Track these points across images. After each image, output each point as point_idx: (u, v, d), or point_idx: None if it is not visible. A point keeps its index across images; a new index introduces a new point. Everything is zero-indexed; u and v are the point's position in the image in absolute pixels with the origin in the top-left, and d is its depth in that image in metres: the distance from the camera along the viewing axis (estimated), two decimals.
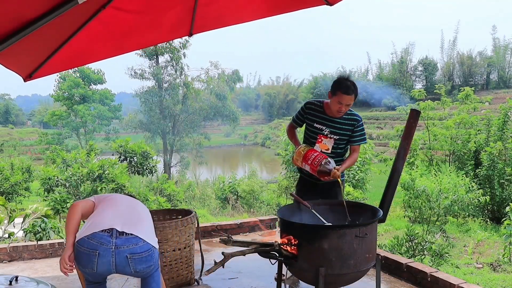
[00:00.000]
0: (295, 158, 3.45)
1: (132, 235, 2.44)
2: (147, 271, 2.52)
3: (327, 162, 3.25)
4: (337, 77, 3.55)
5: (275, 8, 3.25)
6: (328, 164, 3.24)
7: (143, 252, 2.43)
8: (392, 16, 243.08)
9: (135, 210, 2.72)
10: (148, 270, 2.52)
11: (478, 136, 11.01)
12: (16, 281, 2.63)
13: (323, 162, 3.25)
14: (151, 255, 2.48)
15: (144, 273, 2.51)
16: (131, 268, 2.42)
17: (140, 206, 2.83)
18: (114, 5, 2.67)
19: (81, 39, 2.90)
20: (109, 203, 2.70)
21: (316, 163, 3.27)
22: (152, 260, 2.50)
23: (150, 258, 2.48)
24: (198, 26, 3.31)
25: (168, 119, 25.93)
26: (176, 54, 24.98)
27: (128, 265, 2.40)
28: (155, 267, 2.58)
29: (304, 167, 3.40)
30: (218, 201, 14.07)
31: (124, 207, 2.71)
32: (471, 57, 41.23)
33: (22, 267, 4.35)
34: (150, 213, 2.84)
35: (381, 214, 2.97)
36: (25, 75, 3.17)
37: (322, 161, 3.26)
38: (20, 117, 57.99)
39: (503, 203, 9.48)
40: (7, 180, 12.09)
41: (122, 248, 2.38)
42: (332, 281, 2.80)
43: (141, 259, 2.44)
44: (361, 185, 9.90)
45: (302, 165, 3.40)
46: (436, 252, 6.04)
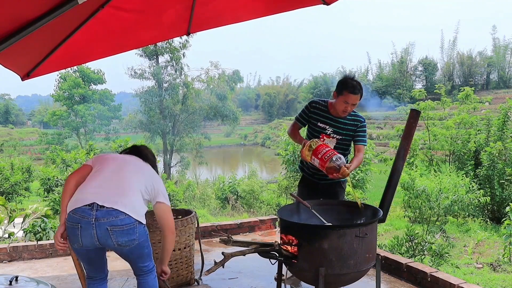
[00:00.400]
0: (305, 153, 3.35)
1: (112, 208, 2.44)
2: (130, 245, 2.50)
3: (337, 158, 3.16)
4: (343, 77, 3.53)
5: (272, 8, 3.25)
6: (338, 160, 3.15)
7: (124, 225, 2.44)
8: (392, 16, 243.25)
9: (124, 180, 2.63)
10: (132, 244, 2.50)
11: (478, 136, 11.01)
12: (16, 281, 2.63)
13: (334, 158, 3.16)
14: (133, 229, 2.47)
15: (128, 247, 2.50)
16: (113, 241, 2.44)
17: (133, 173, 2.71)
18: (112, 4, 2.67)
19: (79, 38, 2.90)
20: (99, 171, 2.67)
21: (327, 158, 3.17)
22: (135, 234, 2.48)
23: (132, 232, 2.47)
24: (196, 25, 3.31)
25: (168, 119, 25.91)
26: (176, 54, 24.97)
27: (110, 237, 2.43)
28: (141, 244, 2.56)
29: (313, 161, 3.30)
30: (218, 201, 14.07)
31: (111, 177, 2.64)
32: (471, 57, 41.25)
33: (22, 267, 4.35)
34: (152, 176, 2.78)
35: (381, 214, 2.97)
36: (22, 74, 3.17)
37: (332, 156, 3.17)
38: (20, 117, 57.96)
39: (503, 203, 9.47)
40: (7, 180, 12.09)
41: (102, 221, 2.41)
42: (332, 281, 2.80)
43: (122, 232, 2.44)
44: (361, 185, 9.89)
45: (312, 159, 3.30)
46: (436, 252, 6.04)
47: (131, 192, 2.58)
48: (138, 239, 2.52)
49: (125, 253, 2.59)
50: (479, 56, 41.52)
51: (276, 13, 3.28)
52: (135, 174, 2.71)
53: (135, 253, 2.58)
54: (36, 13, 2.21)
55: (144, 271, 2.70)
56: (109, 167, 2.69)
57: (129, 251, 2.55)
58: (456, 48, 51.50)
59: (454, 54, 43.03)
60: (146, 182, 2.69)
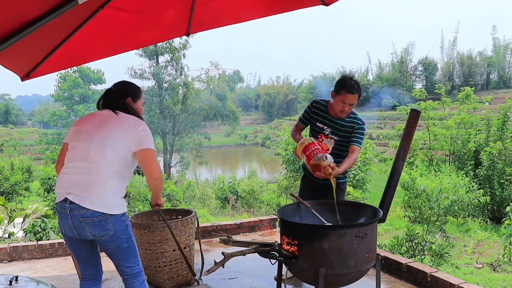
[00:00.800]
0: (297, 148, 3.37)
1: (80, 205, 2.49)
2: (105, 236, 2.52)
3: (322, 157, 3.15)
4: (341, 76, 3.53)
5: (272, 8, 3.26)
6: (323, 160, 3.14)
7: (95, 217, 2.48)
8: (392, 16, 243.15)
9: (93, 166, 2.52)
10: (107, 235, 2.51)
11: (478, 136, 11.01)
12: (16, 281, 2.64)
13: (319, 156, 3.16)
14: (104, 220, 2.49)
15: (103, 238, 2.52)
16: (87, 232, 2.50)
17: (104, 149, 2.54)
18: (112, 4, 2.67)
19: (79, 39, 2.91)
20: (71, 151, 2.62)
21: (313, 155, 3.19)
22: (107, 224, 2.50)
23: (105, 223, 2.49)
24: (196, 25, 3.32)
25: (168, 119, 25.92)
26: (176, 54, 24.99)
27: (84, 229, 2.50)
28: (116, 235, 2.54)
29: (302, 158, 3.34)
30: (218, 201, 14.06)
31: (81, 162, 2.55)
32: (471, 57, 41.24)
33: (22, 267, 4.35)
34: (129, 133, 2.58)
35: (381, 214, 2.97)
36: (22, 75, 3.18)
37: (318, 154, 3.17)
38: (20, 117, 57.95)
39: (503, 203, 9.47)
40: (7, 180, 12.09)
41: (75, 212, 2.49)
42: (332, 281, 2.80)
43: (93, 223, 2.48)
44: (361, 185, 9.89)
45: (301, 156, 3.33)
46: (436, 252, 6.04)
47: (101, 182, 2.51)
48: (112, 229, 2.52)
49: (104, 247, 2.60)
50: (479, 56, 41.52)
51: (276, 14, 3.29)
52: (107, 148, 2.55)
53: (111, 246, 2.56)
54: (36, 13, 2.21)
55: (129, 274, 2.66)
56: (79, 145, 2.59)
57: (106, 243, 2.56)
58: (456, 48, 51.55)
59: (454, 54, 43.06)
60: (122, 147, 2.56)
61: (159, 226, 3.53)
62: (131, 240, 2.63)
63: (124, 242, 2.59)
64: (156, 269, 3.62)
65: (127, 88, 2.81)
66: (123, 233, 2.57)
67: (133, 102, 2.78)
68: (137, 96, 2.81)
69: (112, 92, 2.78)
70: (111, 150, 2.54)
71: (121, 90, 2.78)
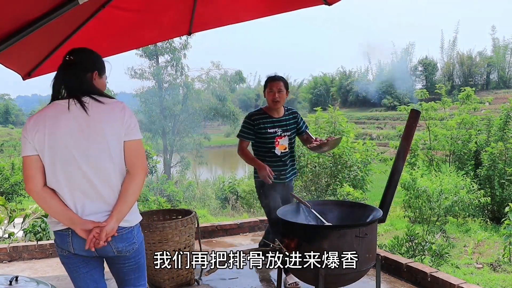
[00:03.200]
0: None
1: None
2: (129, 251, 2.20)
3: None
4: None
5: (273, 8, 3.27)
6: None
7: (122, 230, 2.15)
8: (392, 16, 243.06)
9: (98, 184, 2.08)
10: (131, 251, 2.20)
11: (479, 137, 11.00)
12: (16, 281, 2.63)
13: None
14: (130, 232, 2.18)
15: (127, 255, 2.20)
16: (112, 247, 2.14)
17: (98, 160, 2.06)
18: (113, 4, 2.68)
19: (80, 38, 2.91)
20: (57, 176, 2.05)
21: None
22: (133, 238, 2.18)
23: (131, 236, 2.19)
24: (197, 25, 3.32)
25: (168, 119, 25.91)
26: (176, 55, 24.98)
27: (108, 244, 2.10)
28: (139, 251, 2.23)
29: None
30: (218, 201, 14.06)
31: (83, 183, 2.06)
32: (471, 57, 41.21)
33: (22, 267, 4.36)
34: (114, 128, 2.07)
35: (381, 214, 2.98)
36: (23, 74, 3.18)
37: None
38: (20, 117, 57.86)
39: (503, 203, 9.46)
40: (7, 180, 12.08)
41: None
42: (332, 281, 2.80)
43: (120, 237, 2.14)
44: (361, 185, 9.88)
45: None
46: (436, 252, 6.04)
47: (113, 195, 2.10)
48: (137, 242, 2.21)
49: (120, 266, 2.22)
50: (479, 56, 41.48)
51: (278, 13, 3.30)
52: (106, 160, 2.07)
53: (132, 262, 2.21)
54: (37, 13, 2.22)
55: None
56: (68, 164, 2.05)
57: (126, 260, 2.20)
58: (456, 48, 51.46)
59: (454, 54, 43.03)
60: (115, 148, 2.08)
61: (159, 226, 3.54)
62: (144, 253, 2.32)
63: (142, 258, 2.28)
64: (156, 269, 3.62)
65: (93, 58, 2.19)
66: (142, 246, 2.27)
67: (99, 77, 2.20)
68: (104, 69, 2.24)
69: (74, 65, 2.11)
70: (107, 149, 2.10)
71: (87, 61, 2.15)
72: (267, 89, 3.77)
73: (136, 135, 2.13)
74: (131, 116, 2.13)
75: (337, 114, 10.64)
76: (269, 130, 3.74)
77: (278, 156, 3.77)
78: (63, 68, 2.13)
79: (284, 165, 3.82)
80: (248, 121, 3.81)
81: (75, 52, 2.15)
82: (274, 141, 3.74)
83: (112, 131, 2.07)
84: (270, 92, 3.73)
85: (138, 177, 2.12)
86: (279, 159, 3.79)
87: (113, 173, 2.08)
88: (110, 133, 2.06)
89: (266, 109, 3.83)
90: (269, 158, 3.76)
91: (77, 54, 2.14)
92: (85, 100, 2.07)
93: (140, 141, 2.16)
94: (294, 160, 3.96)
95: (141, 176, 2.13)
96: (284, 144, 3.78)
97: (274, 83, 3.74)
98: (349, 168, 9.31)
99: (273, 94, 3.71)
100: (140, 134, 2.16)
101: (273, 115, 3.78)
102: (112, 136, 2.06)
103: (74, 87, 2.09)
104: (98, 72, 2.18)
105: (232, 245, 4.93)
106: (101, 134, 2.05)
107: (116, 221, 2.06)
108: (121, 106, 2.12)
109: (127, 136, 2.10)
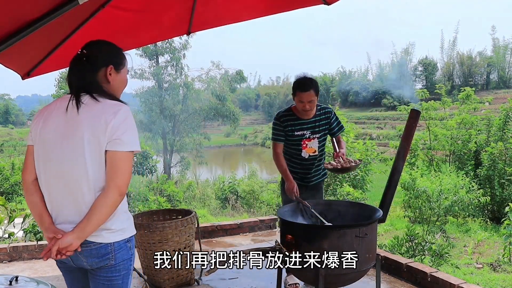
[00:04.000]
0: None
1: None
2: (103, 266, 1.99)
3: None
4: (295, 78, 3.57)
5: (273, 7, 3.27)
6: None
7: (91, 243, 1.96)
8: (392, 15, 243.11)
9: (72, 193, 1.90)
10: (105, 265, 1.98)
11: (478, 137, 11.01)
12: (16, 281, 2.63)
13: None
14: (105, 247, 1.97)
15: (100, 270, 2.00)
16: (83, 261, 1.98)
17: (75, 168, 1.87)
18: (113, 4, 2.68)
19: (79, 38, 2.90)
20: (41, 174, 1.95)
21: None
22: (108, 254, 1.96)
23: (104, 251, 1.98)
24: (197, 25, 3.32)
25: (168, 119, 25.91)
26: (176, 55, 24.98)
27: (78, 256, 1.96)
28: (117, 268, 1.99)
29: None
30: (218, 201, 14.06)
31: (58, 188, 1.92)
32: (471, 57, 41.21)
33: (22, 267, 4.35)
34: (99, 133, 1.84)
35: (381, 214, 2.97)
36: (23, 73, 3.18)
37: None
38: (20, 117, 57.92)
39: (503, 203, 9.46)
40: (7, 180, 12.08)
41: None
42: (332, 281, 2.79)
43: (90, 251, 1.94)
44: (361, 185, 9.88)
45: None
46: (436, 252, 6.04)
47: (86, 209, 1.88)
48: (114, 260, 1.95)
49: (95, 280, 2.01)
50: (479, 56, 41.49)
51: (277, 13, 3.30)
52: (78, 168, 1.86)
53: (103, 279, 1.98)
54: (37, 14, 2.22)
55: None
56: (47, 163, 1.93)
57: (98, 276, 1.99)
58: (456, 48, 51.50)
59: (454, 54, 43.04)
60: (92, 157, 1.86)
61: (159, 226, 3.53)
62: (128, 277, 2.05)
63: (120, 279, 2.01)
64: (156, 269, 3.62)
65: (108, 51, 2.02)
66: (125, 267, 2.01)
67: (116, 72, 2.01)
68: (122, 63, 2.04)
69: (83, 59, 1.96)
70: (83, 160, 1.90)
71: (100, 55, 1.98)
72: (296, 98, 3.46)
73: (122, 146, 1.84)
74: (122, 123, 1.85)
75: (337, 114, 10.63)
76: (296, 132, 3.55)
77: (306, 159, 3.61)
78: (71, 62, 1.99)
79: (310, 169, 3.65)
80: (277, 122, 3.61)
81: (89, 45, 2.01)
82: (301, 143, 3.56)
83: (93, 137, 1.84)
84: (300, 103, 3.45)
85: (109, 196, 1.83)
86: (306, 162, 3.63)
87: (86, 185, 1.86)
88: (89, 139, 1.84)
89: (294, 109, 3.59)
90: (295, 160, 3.64)
91: (90, 48, 1.99)
92: (83, 99, 1.90)
93: (126, 155, 1.85)
94: (323, 163, 3.74)
95: (113, 195, 1.83)
96: (313, 147, 3.57)
97: (304, 94, 3.39)
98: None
99: (303, 105, 3.44)
100: (130, 146, 1.86)
101: (301, 117, 3.56)
102: (90, 143, 1.84)
103: (75, 83, 1.95)
104: (115, 66, 1.98)
105: (232, 245, 4.93)
106: (80, 139, 1.85)
107: (76, 237, 1.83)
108: (115, 110, 1.87)
109: (110, 146, 1.84)
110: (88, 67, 1.94)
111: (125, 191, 1.86)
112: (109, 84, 1.98)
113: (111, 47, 2.03)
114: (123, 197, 1.87)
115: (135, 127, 1.93)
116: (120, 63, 2.02)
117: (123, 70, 2.03)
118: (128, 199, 9.74)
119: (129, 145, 1.86)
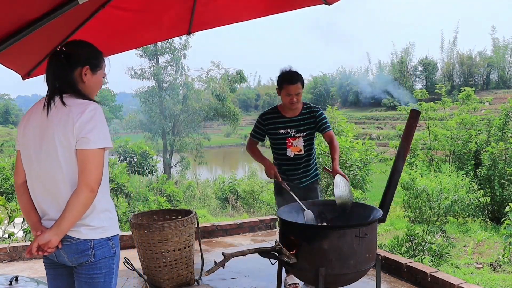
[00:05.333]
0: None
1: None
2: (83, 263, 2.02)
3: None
4: (280, 72, 3.53)
5: (273, 7, 3.27)
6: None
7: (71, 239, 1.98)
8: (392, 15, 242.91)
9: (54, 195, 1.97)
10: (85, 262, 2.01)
11: (478, 137, 11.02)
12: (16, 281, 2.63)
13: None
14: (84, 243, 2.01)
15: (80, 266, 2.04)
16: (64, 256, 2.03)
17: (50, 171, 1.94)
18: (113, 4, 2.68)
19: (79, 38, 2.90)
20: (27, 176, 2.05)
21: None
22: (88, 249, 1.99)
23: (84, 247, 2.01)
24: (197, 24, 3.32)
25: (168, 119, 25.91)
26: (176, 55, 24.98)
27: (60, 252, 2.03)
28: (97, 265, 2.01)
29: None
30: (218, 201, 14.07)
31: (41, 188, 2.00)
32: (471, 57, 41.21)
33: (22, 267, 4.35)
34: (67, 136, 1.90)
35: (381, 214, 2.97)
36: (23, 73, 3.18)
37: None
38: (20, 117, 57.82)
39: (503, 203, 9.47)
40: (7, 180, 12.07)
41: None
42: (332, 281, 2.80)
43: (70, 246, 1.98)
44: (361, 185, 9.89)
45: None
46: (436, 252, 6.04)
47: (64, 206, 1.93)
48: (94, 257, 1.98)
49: (77, 277, 2.03)
50: (479, 56, 41.49)
51: (277, 13, 3.30)
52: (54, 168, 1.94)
53: (84, 276, 2.00)
54: (37, 14, 2.22)
55: None
56: (30, 166, 2.02)
57: (79, 273, 2.01)
58: (456, 48, 51.49)
59: (454, 54, 43.03)
60: (64, 156, 1.92)
61: (159, 226, 3.53)
62: (112, 275, 2.05)
63: (102, 277, 2.02)
64: (156, 269, 3.62)
65: (87, 52, 2.04)
66: (106, 265, 2.02)
67: (92, 73, 2.03)
68: (99, 65, 2.07)
69: (60, 57, 1.98)
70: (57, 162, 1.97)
71: (78, 54, 2.00)
72: (284, 91, 3.43)
73: (89, 144, 1.88)
74: (89, 121, 1.89)
75: (336, 114, 10.63)
76: (280, 130, 3.54)
77: (292, 158, 3.58)
78: (49, 58, 2.01)
79: (297, 169, 3.61)
80: (259, 120, 3.65)
81: (70, 44, 2.07)
82: (285, 142, 3.54)
83: (64, 138, 1.90)
84: (287, 96, 3.42)
85: (80, 194, 1.88)
86: (293, 162, 3.59)
87: (62, 183, 1.93)
88: (60, 139, 1.90)
89: (280, 108, 3.59)
90: (282, 159, 3.62)
91: (70, 46, 2.03)
92: (56, 100, 1.94)
93: (94, 152, 1.89)
94: (313, 163, 3.70)
95: (83, 193, 1.87)
96: (298, 146, 3.54)
97: (291, 87, 3.39)
98: (348, 167, 9.31)
99: (290, 98, 3.42)
100: (99, 143, 1.90)
101: (285, 114, 3.54)
102: (62, 143, 1.90)
103: (51, 79, 1.98)
104: (91, 67, 2.01)
105: (232, 245, 4.93)
106: (52, 139, 1.92)
107: (54, 234, 1.89)
108: (82, 109, 1.90)
109: (78, 144, 1.89)
110: (65, 65, 1.97)
111: (96, 188, 1.90)
112: (84, 84, 2.02)
113: (91, 49, 2.06)
114: (94, 193, 1.90)
115: (105, 123, 1.96)
116: (97, 65, 2.05)
117: (99, 72, 2.07)
118: (128, 199, 9.75)
119: (97, 142, 1.90)
